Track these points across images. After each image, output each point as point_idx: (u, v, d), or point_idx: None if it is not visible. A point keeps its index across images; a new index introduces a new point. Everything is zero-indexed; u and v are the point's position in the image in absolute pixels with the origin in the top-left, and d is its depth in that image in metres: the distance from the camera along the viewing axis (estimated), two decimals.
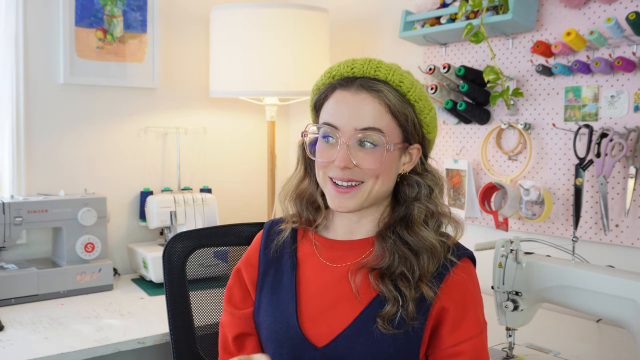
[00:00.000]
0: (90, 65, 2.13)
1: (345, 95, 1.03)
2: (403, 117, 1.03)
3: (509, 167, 1.90)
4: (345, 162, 1.00)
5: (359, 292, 1.02)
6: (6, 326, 1.60)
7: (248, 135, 2.60)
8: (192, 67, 2.42)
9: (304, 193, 1.13)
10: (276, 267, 1.12)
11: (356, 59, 1.05)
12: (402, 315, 0.98)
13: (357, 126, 1.00)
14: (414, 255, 1.01)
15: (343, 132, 1.01)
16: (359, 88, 1.02)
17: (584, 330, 1.63)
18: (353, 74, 1.04)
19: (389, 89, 1.02)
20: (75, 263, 1.94)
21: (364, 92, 1.02)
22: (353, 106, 1.01)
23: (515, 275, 1.34)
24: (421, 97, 1.04)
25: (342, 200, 1.04)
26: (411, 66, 2.10)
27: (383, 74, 1.02)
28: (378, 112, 1.01)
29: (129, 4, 2.20)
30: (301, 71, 2.15)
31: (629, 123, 1.61)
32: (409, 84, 1.03)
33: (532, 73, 1.82)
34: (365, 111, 1.01)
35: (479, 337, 1.02)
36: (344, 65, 1.05)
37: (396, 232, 1.04)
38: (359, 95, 1.02)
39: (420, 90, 1.05)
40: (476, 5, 1.77)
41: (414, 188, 1.07)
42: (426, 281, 1.00)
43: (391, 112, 1.02)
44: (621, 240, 1.63)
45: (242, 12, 2.15)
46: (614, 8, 1.63)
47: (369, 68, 1.03)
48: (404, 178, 1.08)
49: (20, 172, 2.03)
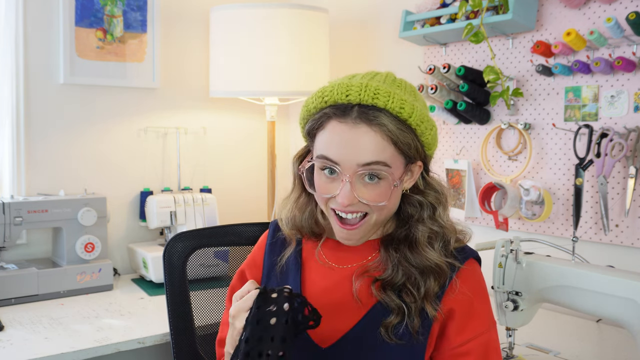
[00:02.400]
0: (90, 65, 2.13)
1: (342, 129, 0.94)
2: (406, 147, 0.96)
3: (509, 167, 1.90)
4: (350, 200, 0.95)
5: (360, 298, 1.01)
6: (6, 326, 1.60)
7: (248, 135, 2.60)
8: (192, 67, 2.42)
9: (304, 208, 1.10)
10: (281, 268, 1.11)
11: (351, 84, 0.96)
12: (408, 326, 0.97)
13: (359, 161, 0.94)
14: (419, 274, 0.99)
15: (344, 168, 0.94)
16: (356, 120, 0.94)
17: (584, 330, 1.63)
18: (348, 101, 0.95)
19: (390, 118, 0.94)
20: (75, 263, 1.94)
21: (363, 125, 0.94)
22: (353, 141, 0.94)
23: (515, 275, 1.34)
24: (422, 119, 0.97)
25: (349, 235, 1.01)
26: (411, 66, 2.12)
27: (382, 101, 0.94)
28: (381, 145, 0.94)
29: (129, 4, 2.20)
30: (301, 71, 2.15)
31: (629, 123, 1.61)
32: (409, 109, 0.96)
33: (532, 73, 1.82)
34: (366, 145, 0.93)
35: (487, 333, 1.01)
36: (337, 89, 0.96)
37: (400, 251, 1.02)
38: (358, 128, 0.94)
39: (420, 112, 0.97)
40: (476, 5, 1.77)
41: (416, 208, 1.03)
42: (430, 300, 0.98)
43: (393, 143, 0.95)
44: (621, 240, 1.63)
45: (242, 12, 2.15)
46: (614, 8, 1.63)
47: (365, 95, 0.94)
48: (405, 196, 1.04)
49: (20, 172, 2.03)
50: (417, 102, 0.99)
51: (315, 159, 0.99)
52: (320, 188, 1.00)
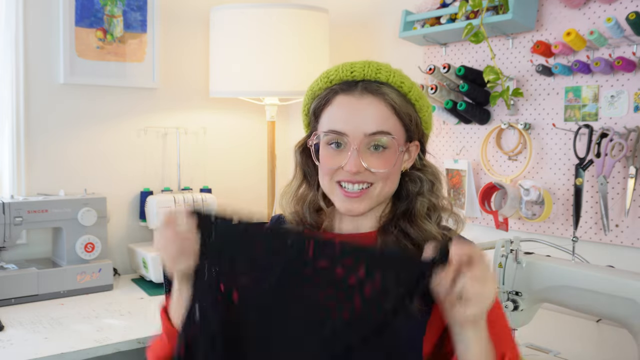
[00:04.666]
0: (90, 65, 2.13)
1: (350, 100, 1.01)
2: (407, 118, 1.03)
3: (509, 167, 1.90)
4: (358, 167, 0.99)
5: None
6: (6, 326, 1.60)
7: (248, 135, 2.60)
8: (192, 67, 2.42)
9: (305, 197, 1.13)
10: None
11: (354, 62, 1.04)
12: None
13: (366, 131, 0.99)
14: (416, 249, 1.01)
15: (352, 138, 1.00)
16: (362, 92, 1.01)
17: (584, 330, 1.63)
18: (353, 77, 1.03)
19: (392, 90, 1.02)
20: (75, 263, 1.94)
21: (368, 95, 1.01)
22: (360, 111, 1.00)
23: (515, 275, 1.34)
24: (420, 95, 1.05)
25: (353, 204, 1.03)
26: (411, 66, 2.11)
27: (384, 75, 1.02)
28: (385, 115, 1.01)
29: (129, 4, 2.20)
30: (301, 71, 2.15)
31: (629, 123, 1.61)
32: (409, 84, 1.04)
33: (532, 73, 1.82)
34: (372, 115, 1.00)
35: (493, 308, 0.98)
36: (342, 69, 1.04)
37: (399, 226, 1.05)
38: (364, 99, 1.01)
39: (418, 89, 1.06)
40: (476, 5, 1.77)
41: (417, 183, 1.07)
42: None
43: (396, 114, 1.02)
44: (621, 240, 1.63)
45: (242, 12, 2.15)
46: (614, 8, 1.63)
47: (369, 71, 1.02)
48: (406, 174, 1.08)
49: (20, 172, 2.03)
50: (414, 83, 1.06)
51: (323, 134, 1.03)
52: (327, 161, 1.04)
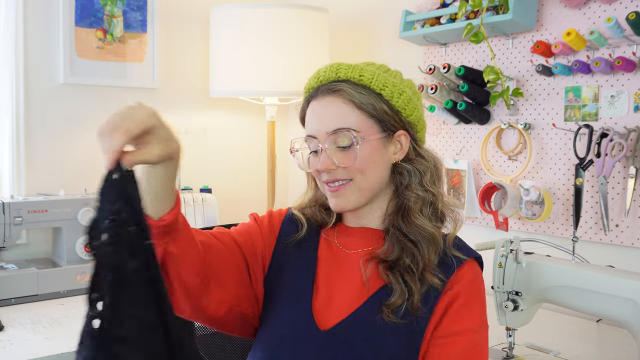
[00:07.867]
0: (90, 65, 2.13)
1: (314, 105, 1.07)
2: (371, 108, 1.04)
3: (509, 167, 1.90)
4: (326, 164, 1.03)
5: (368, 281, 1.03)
6: (6, 326, 1.60)
7: (248, 135, 2.59)
8: (192, 67, 2.42)
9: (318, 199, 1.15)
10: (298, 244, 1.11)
11: (321, 68, 1.08)
12: (407, 307, 0.99)
13: (327, 130, 1.04)
14: (414, 246, 1.02)
15: (319, 139, 1.05)
16: (324, 94, 1.06)
17: (584, 330, 1.63)
18: (319, 82, 1.07)
19: (349, 85, 1.04)
20: (75, 263, 1.94)
21: (328, 96, 1.05)
22: (321, 112, 1.05)
23: (515, 275, 1.34)
24: (386, 84, 1.04)
25: (337, 200, 1.06)
26: (411, 66, 2.11)
27: (343, 73, 1.05)
28: (344, 111, 1.03)
29: (129, 4, 2.20)
30: (301, 71, 2.15)
31: (629, 123, 1.61)
32: (369, 74, 1.04)
33: (532, 73, 1.82)
34: (330, 114, 1.04)
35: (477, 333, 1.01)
36: (312, 77, 1.10)
37: (394, 224, 1.05)
38: (324, 100, 1.05)
39: (384, 78, 1.05)
40: (476, 5, 1.77)
41: (404, 175, 1.07)
42: (430, 270, 1.01)
43: (357, 107, 1.03)
44: (621, 240, 1.63)
45: (242, 12, 2.15)
46: (614, 8, 1.63)
47: (330, 73, 1.06)
48: (395, 167, 1.08)
49: (20, 172, 2.03)
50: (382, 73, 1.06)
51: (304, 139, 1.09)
52: (309, 166, 1.10)
